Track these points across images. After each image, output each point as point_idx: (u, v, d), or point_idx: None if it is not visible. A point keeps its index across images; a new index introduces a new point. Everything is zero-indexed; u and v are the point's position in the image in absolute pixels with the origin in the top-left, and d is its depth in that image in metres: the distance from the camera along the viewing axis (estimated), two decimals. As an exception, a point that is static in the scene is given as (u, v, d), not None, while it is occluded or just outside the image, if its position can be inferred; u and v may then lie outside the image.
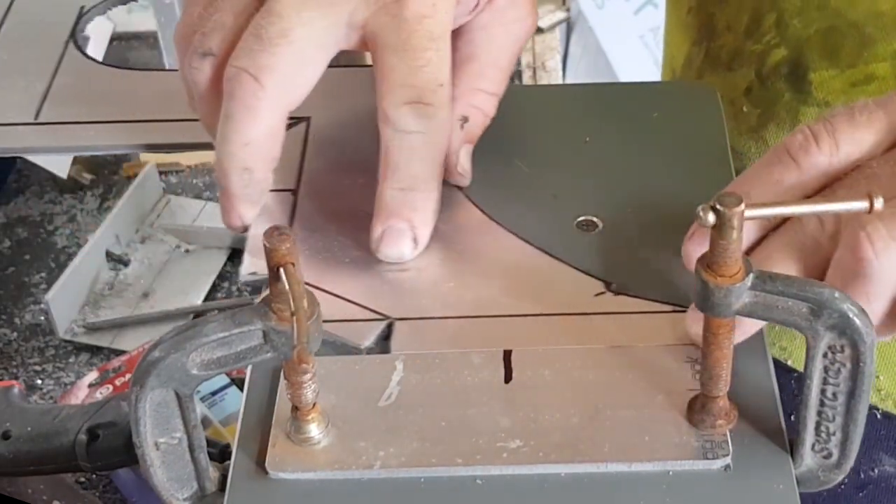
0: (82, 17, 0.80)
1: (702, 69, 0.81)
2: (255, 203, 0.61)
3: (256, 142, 0.59)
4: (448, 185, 0.63)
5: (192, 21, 0.61)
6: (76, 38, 0.78)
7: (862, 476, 0.73)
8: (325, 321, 0.56)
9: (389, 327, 0.57)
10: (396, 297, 0.58)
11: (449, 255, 0.61)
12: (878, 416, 0.51)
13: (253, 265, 0.60)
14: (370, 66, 0.70)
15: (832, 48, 0.71)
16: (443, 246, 0.61)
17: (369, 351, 0.56)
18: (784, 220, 0.53)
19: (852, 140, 0.53)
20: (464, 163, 0.64)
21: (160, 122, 0.71)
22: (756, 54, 0.75)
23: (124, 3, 0.82)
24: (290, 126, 0.62)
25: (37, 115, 0.72)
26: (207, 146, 0.68)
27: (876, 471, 0.73)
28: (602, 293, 0.58)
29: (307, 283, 0.58)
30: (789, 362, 0.76)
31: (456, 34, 0.63)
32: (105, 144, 0.70)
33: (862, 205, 0.47)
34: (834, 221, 0.52)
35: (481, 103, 0.64)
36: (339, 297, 0.58)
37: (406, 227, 0.60)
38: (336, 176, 0.66)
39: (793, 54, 0.73)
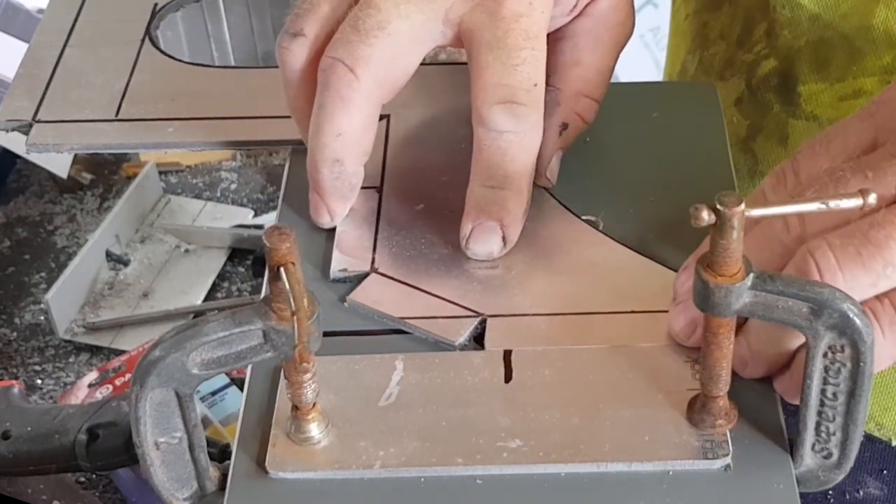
0: (156, 14, 0.79)
1: (695, 77, 0.81)
2: (344, 198, 0.61)
3: (349, 133, 0.59)
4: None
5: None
6: (151, 35, 0.78)
7: (847, 497, 0.74)
8: (417, 318, 0.57)
9: (483, 324, 0.57)
10: (488, 294, 0.58)
11: (536, 252, 0.61)
12: (862, 439, 0.51)
13: (343, 262, 0.60)
14: (447, 63, 0.71)
15: (822, 61, 0.71)
16: (529, 243, 0.61)
17: (463, 348, 0.56)
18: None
19: (813, 174, 0.54)
20: (554, 167, 0.64)
21: (240, 119, 0.71)
22: (747, 64, 0.75)
23: (197, 1, 0.82)
24: None
25: (117, 112, 0.71)
26: (285, 143, 0.68)
27: (861, 492, 0.73)
28: None
29: (400, 281, 0.59)
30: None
31: (562, 38, 0.64)
32: (186, 141, 0.70)
33: (856, 202, 0.47)
34: (798, 224, 0.52)
35: (583, 109, 0.64)
36: (430, 294, 0.59)
37: (496, 226, 0.60)
38: (418, 174, 0.66)
39: (783, 65, 0.73)
